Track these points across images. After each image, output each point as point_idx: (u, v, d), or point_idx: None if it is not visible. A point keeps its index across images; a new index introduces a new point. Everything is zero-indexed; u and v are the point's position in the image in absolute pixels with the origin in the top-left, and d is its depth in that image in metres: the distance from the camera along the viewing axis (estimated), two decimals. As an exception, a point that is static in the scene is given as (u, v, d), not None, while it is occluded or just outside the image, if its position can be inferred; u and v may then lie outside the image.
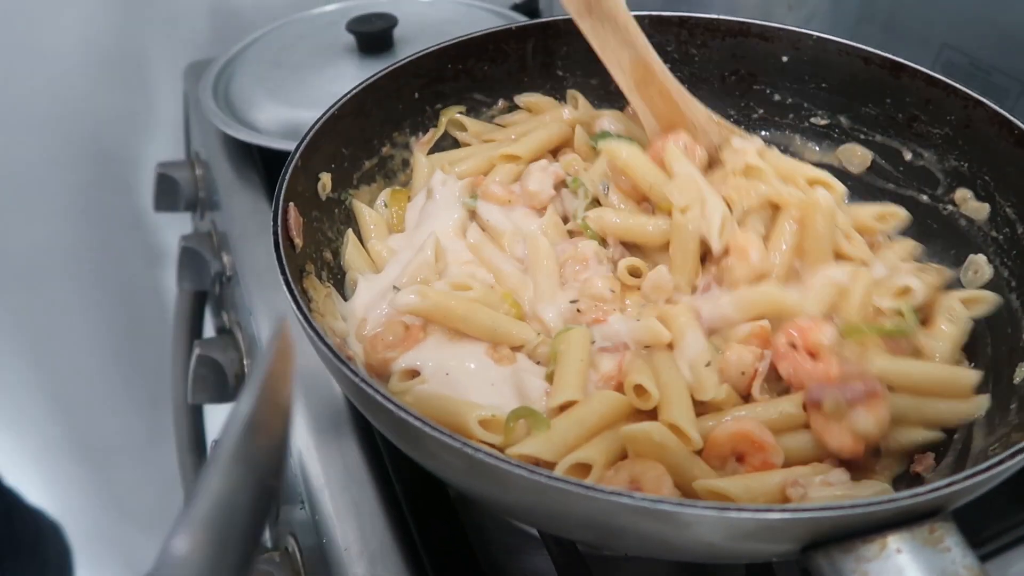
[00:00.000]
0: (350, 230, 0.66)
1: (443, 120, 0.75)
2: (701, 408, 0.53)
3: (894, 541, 0.37)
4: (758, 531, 0.38)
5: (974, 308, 0.61)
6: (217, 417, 1.02)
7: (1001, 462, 0.39)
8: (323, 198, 0.64)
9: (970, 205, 0.65)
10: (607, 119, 0.75)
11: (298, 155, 0.60)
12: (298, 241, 0.57)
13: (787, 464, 0.51)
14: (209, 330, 1.12)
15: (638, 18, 0.77)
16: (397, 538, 0.58)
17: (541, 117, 0.77)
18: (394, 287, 0.60)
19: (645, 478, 0.46)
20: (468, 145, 0.76)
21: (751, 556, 0.44)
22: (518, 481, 0.40)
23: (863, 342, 0.56)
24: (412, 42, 1.02)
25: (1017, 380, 0.54)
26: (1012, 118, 0.61)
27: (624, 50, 0.59)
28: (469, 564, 0.58)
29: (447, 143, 0.76)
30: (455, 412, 0.52)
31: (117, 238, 1.33)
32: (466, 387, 0.55)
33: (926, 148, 0.69)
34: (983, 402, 0.55)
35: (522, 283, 0.61)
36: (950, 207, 0.67)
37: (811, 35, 0.73)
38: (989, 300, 0.61)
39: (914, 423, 0.54)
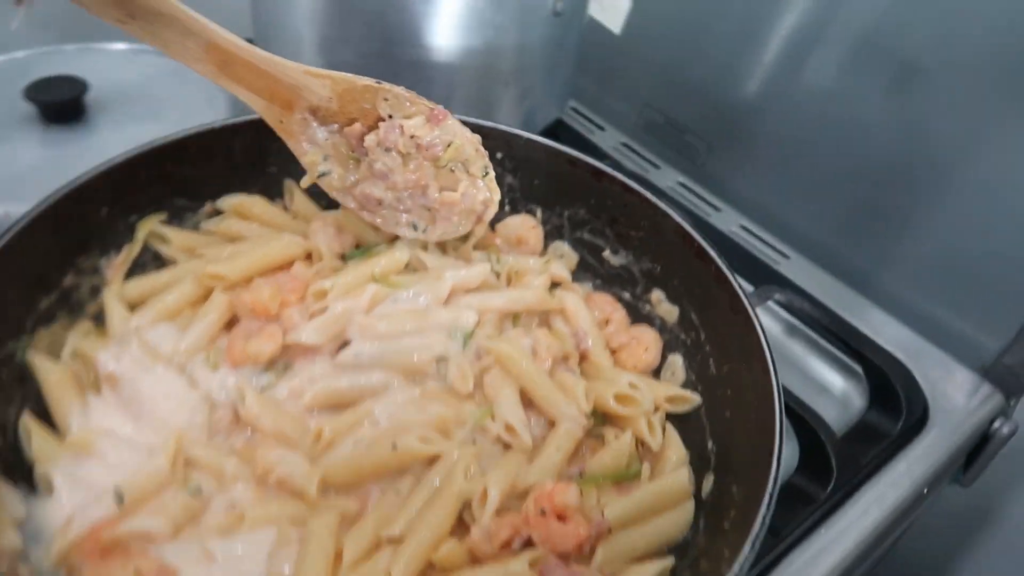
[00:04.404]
0: (25, 417, 0.56)
1: (140, 234, 0.68)
2: (430, 570, 0.53)
3: None
4: None
5: (678, 406, 0.66)
6: None
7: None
8: (-21, 362, 0.55)
9: (663, 307, 0.72)
10: (320, 222, 0.72)
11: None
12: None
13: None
14: None
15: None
16: None
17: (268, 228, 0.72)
18: (116, 492, 0.52)
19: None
20: (174, 263, 0.69)
21: None
22: None
23: (598, 489, 0.58)
24: (108, 109, 0.91)
25: (704, 494, 0.60)
26: (693, 232, 0.67)
27: (188, 40, 0.56)
28: None
29: (148, 258, 0.69)
30: None
31: None
32: None
33: (625, 249, 0.74)
34: (691, 504, 0.59)
35: None
36: (648, 306, 0.73)
37: (521, 135, 0.75)
38: (691, 400, 0.66)
39: (644, 555, 0.56)
